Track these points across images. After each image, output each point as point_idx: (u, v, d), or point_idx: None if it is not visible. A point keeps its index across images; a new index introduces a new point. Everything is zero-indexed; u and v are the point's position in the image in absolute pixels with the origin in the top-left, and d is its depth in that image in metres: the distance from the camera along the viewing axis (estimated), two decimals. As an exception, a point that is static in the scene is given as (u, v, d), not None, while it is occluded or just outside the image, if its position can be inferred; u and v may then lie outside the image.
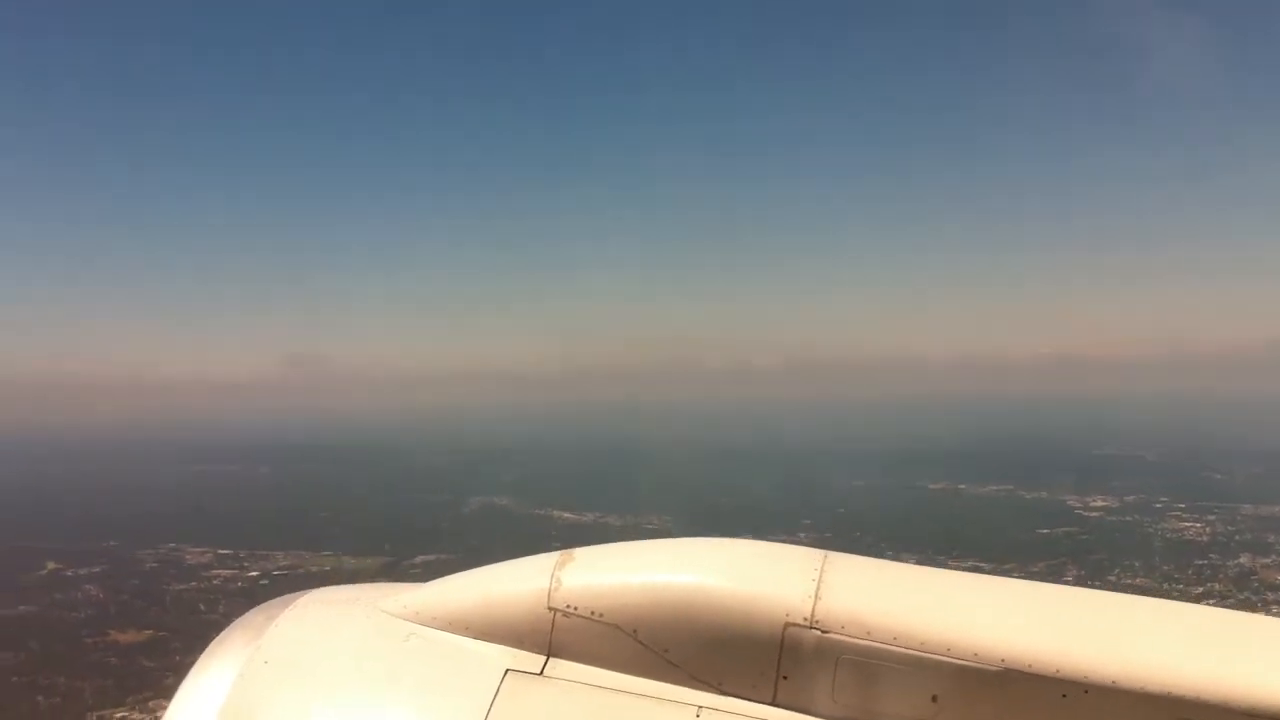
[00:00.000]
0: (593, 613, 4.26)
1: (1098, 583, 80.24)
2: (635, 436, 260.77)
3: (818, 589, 4.11)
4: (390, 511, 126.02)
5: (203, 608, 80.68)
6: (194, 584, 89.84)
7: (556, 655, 4.30)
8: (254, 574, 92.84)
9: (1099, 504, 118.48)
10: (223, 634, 4.63)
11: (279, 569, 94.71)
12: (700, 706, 4.11)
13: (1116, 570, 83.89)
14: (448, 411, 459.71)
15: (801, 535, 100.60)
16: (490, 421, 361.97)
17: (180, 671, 4.96)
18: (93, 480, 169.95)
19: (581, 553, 4.54)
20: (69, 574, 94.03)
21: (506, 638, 4.38)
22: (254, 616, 4.70)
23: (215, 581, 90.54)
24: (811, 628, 4.04)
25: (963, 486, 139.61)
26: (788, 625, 4.06)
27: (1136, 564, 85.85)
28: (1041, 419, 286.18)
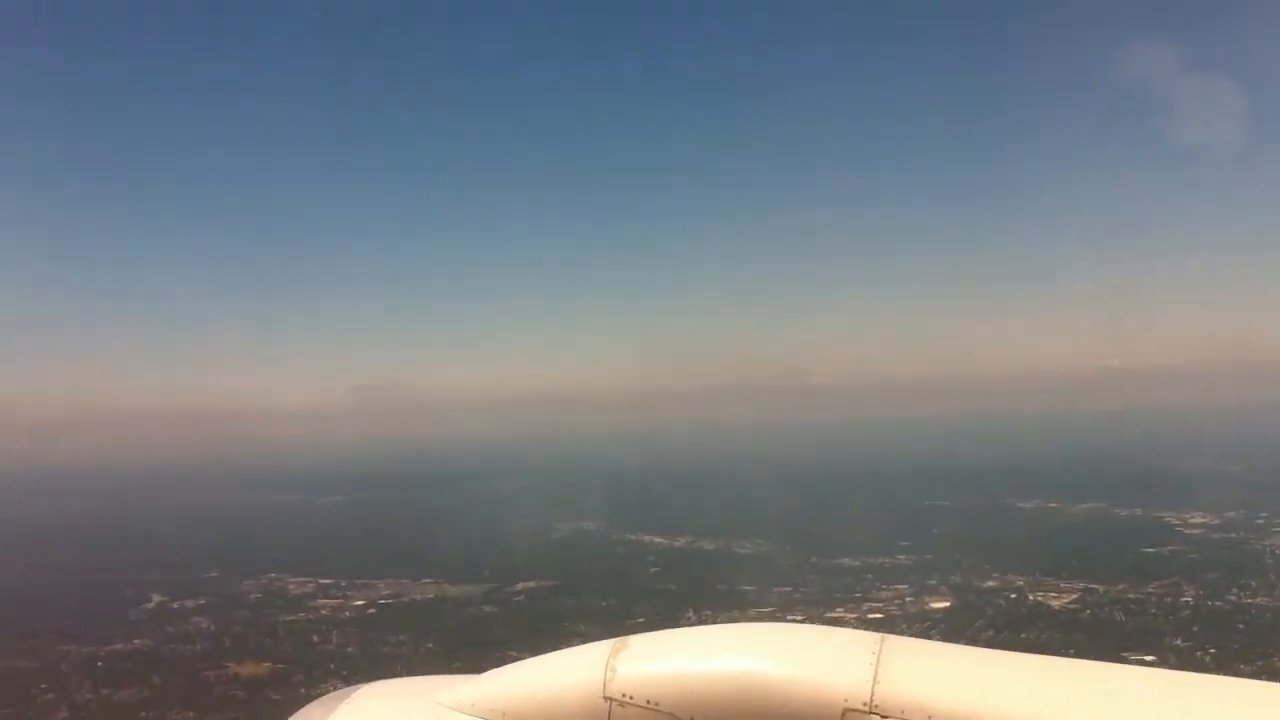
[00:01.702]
0: (648, 701, 4.29)
1: (1218, 602, 78.45)
2: (708, 456, 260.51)
3: (875, 673, 4.13)
4: (480, 538, 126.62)
5: (316, 639, 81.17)
6: (302, 614, 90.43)
7: None
8: (359, 603, 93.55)
9: (1198, 520, 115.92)
10: None
11: (383, 598, 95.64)
12: None
13: (1234, 590, 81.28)
14: (513, 436, 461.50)
15: (901, 558, 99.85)
16: (557, 445, 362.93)
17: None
18: (180, 512, 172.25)
19: (636, 640, 4.63)
20: (175, 606, 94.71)
21: None
22: (311, 711, 4.78)
23: (323, 612, 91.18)
24: (871, 713, 4.06)
25: (1054, 505, 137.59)
26: (846, 711, 4.08)
27: (1253, 583, 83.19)
28: (1117, 434, 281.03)
